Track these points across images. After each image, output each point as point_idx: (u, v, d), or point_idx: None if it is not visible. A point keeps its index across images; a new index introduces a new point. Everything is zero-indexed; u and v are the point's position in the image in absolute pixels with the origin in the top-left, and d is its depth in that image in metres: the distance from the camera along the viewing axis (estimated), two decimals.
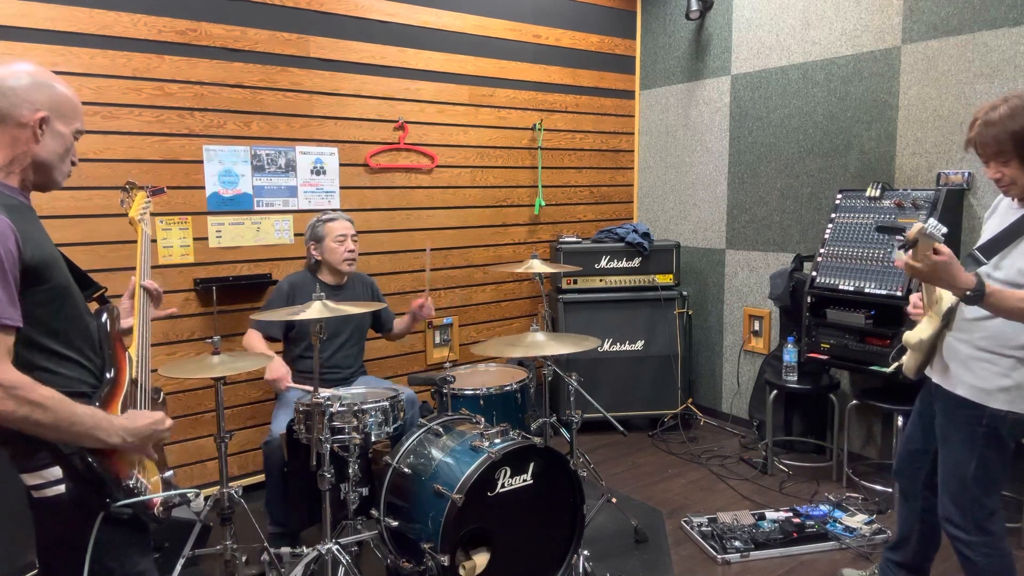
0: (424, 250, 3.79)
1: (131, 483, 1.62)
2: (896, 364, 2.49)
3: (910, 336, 2.36)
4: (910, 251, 1.96)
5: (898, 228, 2.04)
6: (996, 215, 2.28)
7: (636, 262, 4.64)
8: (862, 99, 3.99)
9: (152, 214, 2.24)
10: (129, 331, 1.97)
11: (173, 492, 1.77)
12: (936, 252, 1.93)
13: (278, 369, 3.09)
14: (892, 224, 2.55)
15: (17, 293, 1.46)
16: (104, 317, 1.75)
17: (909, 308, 2.41)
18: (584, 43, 4.97)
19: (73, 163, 1.71)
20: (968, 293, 1.96)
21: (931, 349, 2.33)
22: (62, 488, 1.53)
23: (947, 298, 2.23)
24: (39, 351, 1.55)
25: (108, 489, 1.56)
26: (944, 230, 1.91)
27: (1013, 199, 2.19)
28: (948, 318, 2.26)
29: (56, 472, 1.53)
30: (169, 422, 1.69)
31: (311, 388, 2.59)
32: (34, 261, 1.50)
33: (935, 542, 2.58)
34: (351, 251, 3.34)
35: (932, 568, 2.77)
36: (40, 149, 1.59)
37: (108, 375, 1.69)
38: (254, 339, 3.23)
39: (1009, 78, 3.41)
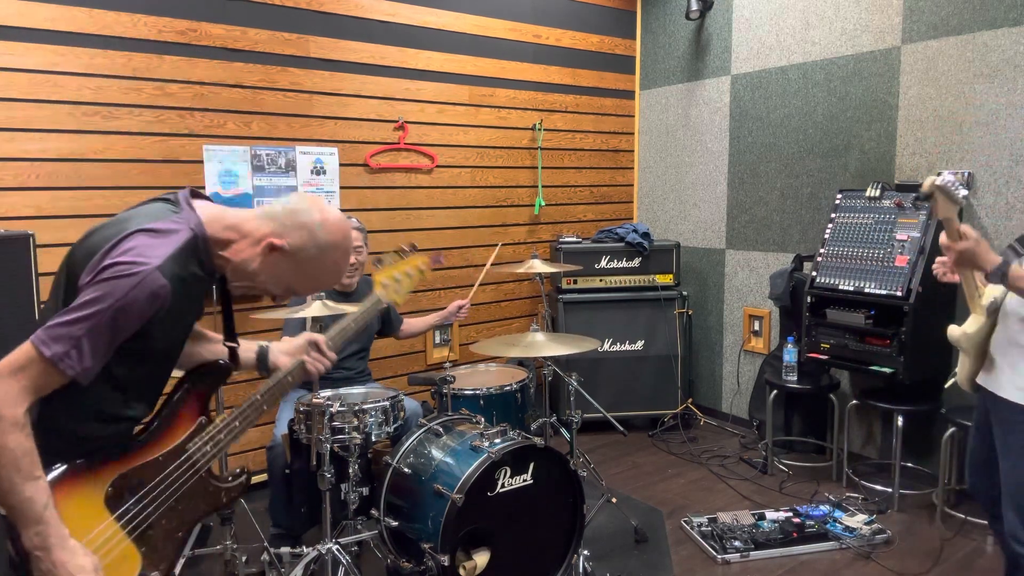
0: (496, 244, 3.62)
1: None
2: (952, 380, 2.38)
3: (953, 330, 2.27)
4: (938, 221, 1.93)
5: (923, 196, 1.99)
6: None
7: (636, 262, 4.64)
8: (862, 99, 3.99)
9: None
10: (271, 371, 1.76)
11: None
12: (962, 235, 1.91)
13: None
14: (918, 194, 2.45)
15: (115, 347, 1.37)
16: (186, 384, 1.59)
17: (935, 267, 2.28)
18: (584, 43, 4.97)
19: (275, 301, 1.62)
20: (989, 271, 1.93)
21: (982, 352, 2.22)
22: None
23: (988, 293, 2.16)
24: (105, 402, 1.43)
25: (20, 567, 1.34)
26: (964, 191, 1.88)
27: None
28: (993, 315, 2.16)
29: None
30: None
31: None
32: (150, 341, 1.42)
33: None
34: (351, 265, 3.30)
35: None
36: (248, 258, 1.50)
37: (137, 439, 1.50)
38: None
39: (1009, 78, 3.41)
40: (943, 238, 1.98)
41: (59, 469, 1.38)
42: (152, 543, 1.47)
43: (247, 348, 1.79)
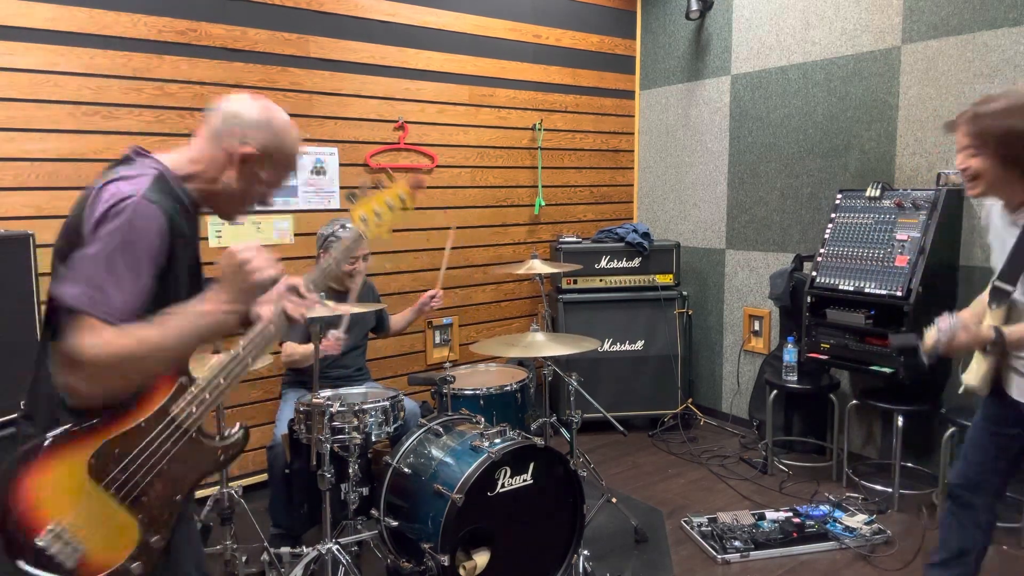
0: (449, 228, 3.54)
1: (42, 543, 1.35)
2: (964, 387, 2.41)
3: (969, 379, 2.34)
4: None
5: (911, 346, 2.21)
6: (993, 232, 2.23)
7: (636, 262, 4.64)
8: (862, 99, 3.99)
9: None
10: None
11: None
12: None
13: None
14: (905, 344, 2.49)
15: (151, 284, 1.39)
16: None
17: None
18: (584, 43, 4.97)
19: (265, 204, 1.65)
20: (987, 348, 2.10)
21: (995, 373, 2.28)
22: None
23: (988, 324, 2.22)
24: None
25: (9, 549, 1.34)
26: (954, 320, 2.04)
27: (1004, 211, 2.16)
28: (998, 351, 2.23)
29: None
30: (259, 266, 1.49)
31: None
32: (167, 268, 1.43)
33: (987, 548, 2.44)
34: (357, 271, 3.30)
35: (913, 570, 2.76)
36: (229, 181, 1.55)
37: (116, 408, 1.45)
38: (289, 348, 3.21)
39: (1009, 78, 3.41)
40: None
41: (53, 433, 1.37)
42: (148, 510, 1.43)
43: None
